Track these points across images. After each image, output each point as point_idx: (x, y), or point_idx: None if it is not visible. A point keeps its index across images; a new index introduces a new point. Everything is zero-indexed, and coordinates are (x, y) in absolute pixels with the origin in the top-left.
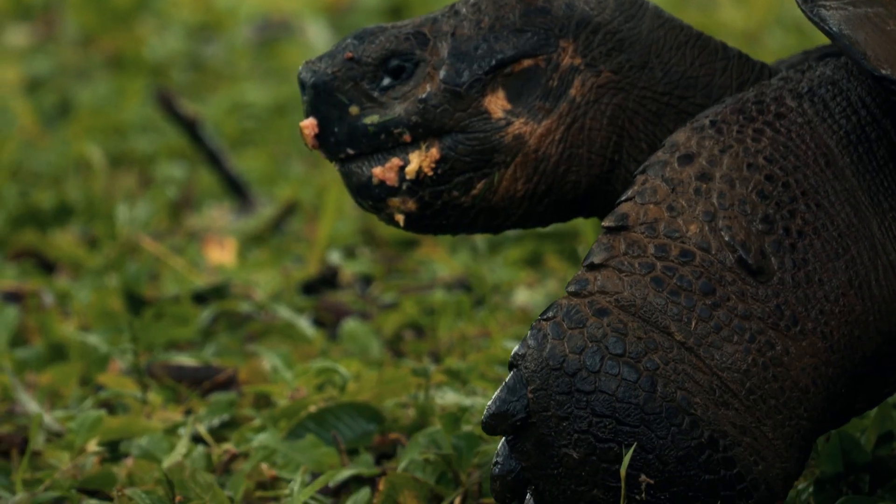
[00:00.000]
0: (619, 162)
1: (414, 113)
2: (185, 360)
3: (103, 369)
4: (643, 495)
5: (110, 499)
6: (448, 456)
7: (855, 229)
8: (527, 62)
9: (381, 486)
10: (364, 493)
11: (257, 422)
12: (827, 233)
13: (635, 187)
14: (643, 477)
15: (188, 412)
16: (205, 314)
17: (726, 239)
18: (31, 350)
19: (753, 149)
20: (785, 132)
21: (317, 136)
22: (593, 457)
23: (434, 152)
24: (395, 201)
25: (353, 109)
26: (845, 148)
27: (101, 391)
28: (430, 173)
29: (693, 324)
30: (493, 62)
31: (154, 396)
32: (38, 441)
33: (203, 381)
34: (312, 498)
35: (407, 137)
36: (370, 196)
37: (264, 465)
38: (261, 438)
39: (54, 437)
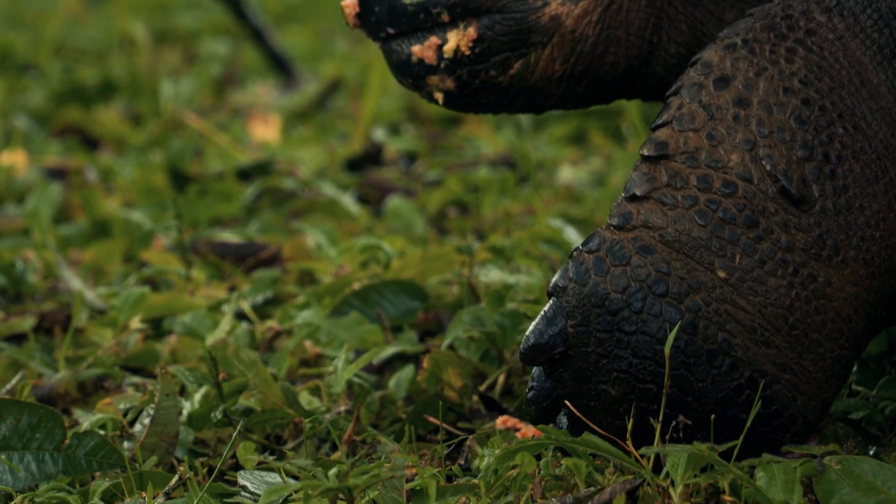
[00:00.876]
0: (657, 44)
1: None
2: (229, 236)
3: (147, 246)
4: (680, 434)
5: (153, 376)
6: (492, 334)
7: (892, 150)
8: None
9: (425, 363)
10: (408, 370)
11: (301, 299)
12: (865, 156)
13: (671, 111)
14: (681, 417)
15: (232, 289)
16: (249, 191)
17: (768, 168)
18: (75, 227)
19: (788, 71)
20: (818, 50)
21: (358, 16)
22: (631, 396)
23: (472, 31)
24: (433, 79)
25: None
26: (879, 64)
27: (145, 268)
28: (468, 52)
29: (737, 259)
30: None
31: (197, 273)
32: (80, 318)
33: (247, 258)
34: (356, 375)
35: (445, 17)
36: (410, 74)
37: (308, 343)
38: (304, 316)
39: (97, 314)
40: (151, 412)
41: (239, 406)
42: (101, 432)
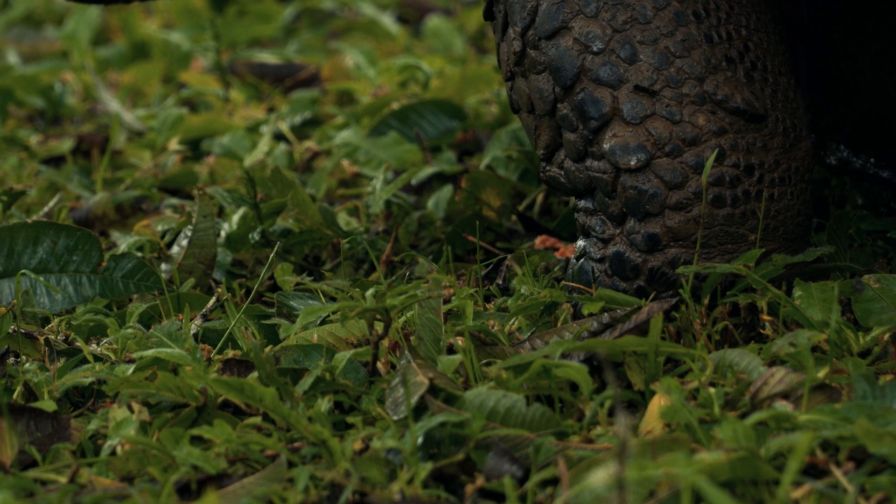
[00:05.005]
0: None
1: None
2: (268, 57)
3: (185, 67)
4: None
5: (191, 197)
6: (530, 152)
7: (774, 21)
8: None
9: (464, 183)
10: (446, 190)
11: (340, 119)
12: (752, 24)
13: (605, 104)
14: None
15: (270, 110)
16: (287, 11)
17: (731, 106)
18: (114, 48)
19: (664, 1)
20: None
21: None
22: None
23: None
24: None
25: None
26: None
27: (183, 89)
28: None
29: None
30: None
31: (236, 94)
32: (119, 140)
33: (285, 79)
34: (394, 196)
35: None
36: None
37: (346, 163)
38: (343, 136)
39: (135, 135)
40: (189, 234)
41: (277, 227)
42: (139, 254)
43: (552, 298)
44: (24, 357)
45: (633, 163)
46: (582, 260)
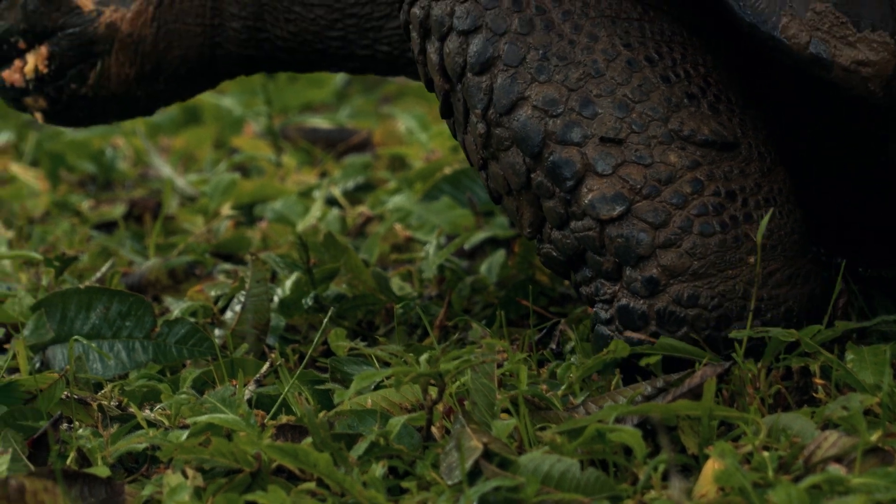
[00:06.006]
0: (220, 25)
1: (21, 20)
2: (320, 122)
3: (238, 132)
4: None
5: (244, 263)
6: None
7: (704, 41)
8: None
9: (516, 247)
10: (499, 254)
11: (392, 184)
12: (707, 62)
13: (574, 164)
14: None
15: (322, 175)
16: (339, 76)
17: (700, 140)
18: (165, 113)
19: (609, 45)
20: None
21: None
22: None
23: (43, 51)
24: (29, 100)
25: None
26: None
27: (236, 154)
28: (45, 70)
29: (749, 217)
30: None
31: (288, 159)
32: (171, 205)
33: (337, 144)
34: (447, 260)
35: (22, 44)
36: (9, 98)
37: (399, 227)
38: (395, 201)
39: (188, 200)
40: (242, 299)
41: (330, 292)
42: (192, 320)
43: (616, 354)
44: (77, 423)
45: (614, 212)
46: (595, 327)
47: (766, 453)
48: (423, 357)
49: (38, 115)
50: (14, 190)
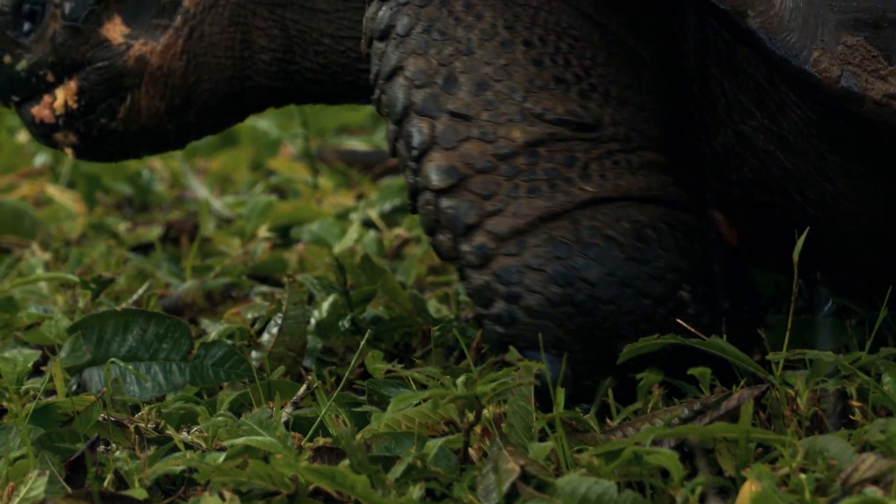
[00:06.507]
0: (251, 58)
1: (49, 53)
2: (357, 144)
3: (274, 154)
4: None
5: (281, 285)
6: None
7: (608, 41)
8: None
9: None
10: None
11: None
12: (599, 58)
13: (424, 134)
14: (682, 293)
15: (359, 197)
16: None
17: (552, 118)
18: None
19: (489, 25)
20: None
21: None
22: (640, 329)
23: (73, 85)
24: (59, 136)
25: (7, 59)
26: None
27: (272, 176)
28: (75, 105)
29: (587, 188)
30: None
31: (325, 181)
32: (207, 227)
33: (374, 165)
34: None
35: (50, 77)
36: (39, 134)
37: None
38: None
39: (224, 223)
40: (279, 321)
41: (367, 314)
42: (229, 342)
43: (649, 380)
44: (114, 445)
45: (444, 184)
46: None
47: (803, 475)
48: (461, 379)
49: (69, 151)
50: (51, 212)
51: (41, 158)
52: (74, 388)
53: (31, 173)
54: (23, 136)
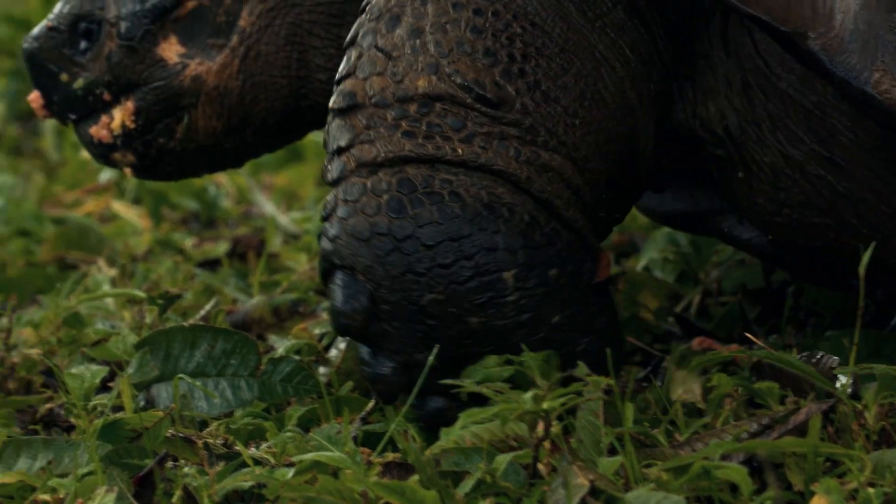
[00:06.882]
0: (307, 77)
1: (106, 72)
2: None
3: None
4: (510, 295)
5: None
6: (687, 254)
7: (572, 42)
8: (191, 4)
9: (621, 285)
10: None
11: None
12: (549, 50)
13: (351, 61)
14: (506, 275)
15: None
16: None
17: (458, 82)
18: None
19: None
20: None
21: (44, 106)
22: (454, 285)
23: (130, 105)
24: (117, 156)
25: (64, 76)
26: None
27: None
28: (133, 125)
29: (459, 149)
30: (157, 10)
31: None
32: (274, 243)
33: None
34: None
35: (107, 96)
36: (97, 154)
37: None
38: None
39: (291, 238)
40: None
41: None
42: (297, 358)
43: (721, 389)
44: (182, 461)
45: (338, 105)
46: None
47: (871, 490)
48: (528, 395)
49: (128, 171)
50: (117, 228)
51: (107, 175)
52: (142, 404)
53: (97, 189)
54: (88, 153)
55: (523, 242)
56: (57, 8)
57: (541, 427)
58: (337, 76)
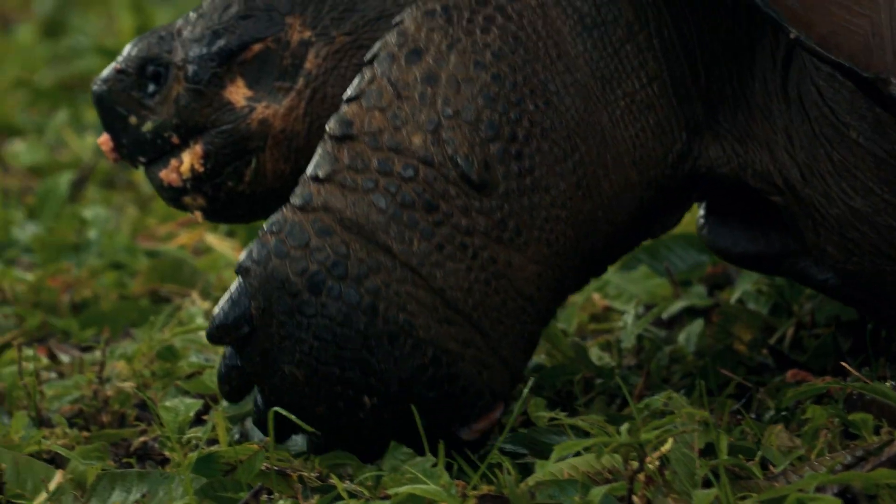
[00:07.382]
0: None
1: (174, 115)
2: None
3: None
4: (366, 414)
5: None
6: (780, 286)
7: (584, 125)
8: (257, 47)
9: (715, 317)
10: (697, 324)
11: None
12: (555, 133)
13: (363, 83)
14: (366, 399)
15: None
16: None
17: (449, 152)
18: None
19: (482, 42)
20: (517, 18)
21: (114, 149)
22: (315, 378)
23: (198, 149)
24: (187, 199)
25: (133, 119)
26: (579, 34)
27: None
28: (202, 169)
29: (415, 243)
30: (224, 53)
31: None
32: None
33: None
34: (645, 330)
35: (175, 139)
36: (167, 197)
37: (597, 297)
38: None
39: None
40: None
41: (529, 362)
42: None
43: (815, 422)
44: (277, 494)
45: (333, 132)
46: None
47: None
48: (624, 427)
49: (198, 214)
50: (210, 261)
51: None
52: (237, 437)
53: (190, 222)
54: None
55: (400, 384)
56: (125, 50)
57: (636, 459)
58: (346, 93)
